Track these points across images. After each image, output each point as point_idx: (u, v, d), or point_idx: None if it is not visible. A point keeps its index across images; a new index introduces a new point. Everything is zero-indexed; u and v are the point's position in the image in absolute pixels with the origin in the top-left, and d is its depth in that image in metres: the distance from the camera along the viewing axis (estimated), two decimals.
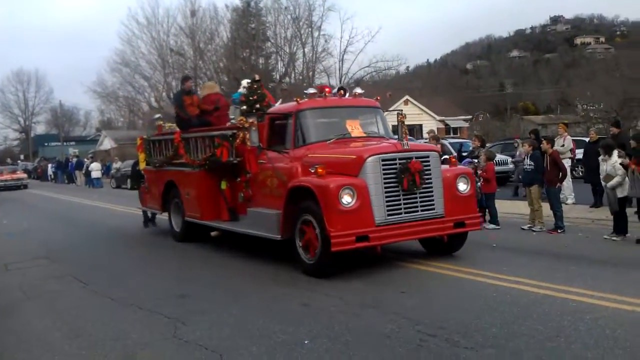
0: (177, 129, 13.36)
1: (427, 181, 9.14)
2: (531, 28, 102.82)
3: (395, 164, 8.95)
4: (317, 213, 8.73)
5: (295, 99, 10.19)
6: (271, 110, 10.70)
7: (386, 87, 55.01)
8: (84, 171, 41.62)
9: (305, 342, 6.01)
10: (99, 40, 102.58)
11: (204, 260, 10.99)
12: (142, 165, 14.46)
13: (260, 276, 9.33)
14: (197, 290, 8.50)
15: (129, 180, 16.14)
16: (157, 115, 14.85)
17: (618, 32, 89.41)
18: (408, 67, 71.43)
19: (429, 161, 9.23)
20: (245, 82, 13.23)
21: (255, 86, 12.12)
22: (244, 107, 11.69)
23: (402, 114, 11.10)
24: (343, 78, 47.00)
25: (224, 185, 11.53)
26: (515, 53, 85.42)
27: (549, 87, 70.32)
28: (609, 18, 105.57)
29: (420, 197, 9.14)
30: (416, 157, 9.08)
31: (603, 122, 44.73)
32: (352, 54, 47.99)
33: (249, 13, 49.49)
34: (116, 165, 38.71)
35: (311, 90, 10.29)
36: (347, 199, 8.60)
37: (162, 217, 14.45)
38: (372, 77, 52.37)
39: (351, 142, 9.88)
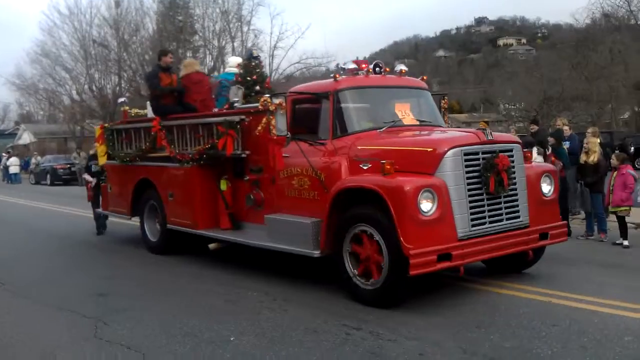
0: (150, 115, 10.71)
1: (513, 182, 7.02)
2: (456, 29, 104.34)
3: (479, 159, 6.78)
4: (383, 223, 6.44)
5: (332, 75, 7.78)
6: (297, 89, 8.25)
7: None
8: (1, 166, 38.09)
9: (231, 339, 5.84)
10: (18, 31, 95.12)
11: (126, 258, 10.36)
12: (103, 160, 11.62)
13: (183, 274, 8.81)
14: (119, 289, 8.09)
15: (84, 177, 13.05)
16: (122, 99, 11.96)
17: (539, 34, 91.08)
18: (338, 64, 69.55)
19: (513, 155, 7.10)
20: (234, 60, 10.74)
21: (253, 64, 9.68)
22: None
23: (445, 99, 8.97)
24: (273, 74, 45.38)
25: (224, 186, 8.98)
26: (441, 53, 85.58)
27: (473, 87, 70.49)
28: (530, 20, 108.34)
29: (505, 202, 7.00)
30: (500, 151, 6.92)
31: (523, 121, 44.70)
32: (282, 50, 46.78)
33: (176, 5, 47.28)
34: (35, 160, 36.97)
35: (350, 65, 7.92)
36: (426, 206, 6.35)
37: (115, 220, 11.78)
38: (302, 74, 51.14)
39: (406, 131, 7.62)
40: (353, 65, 7.89)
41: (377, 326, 6.00)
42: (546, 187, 7.57)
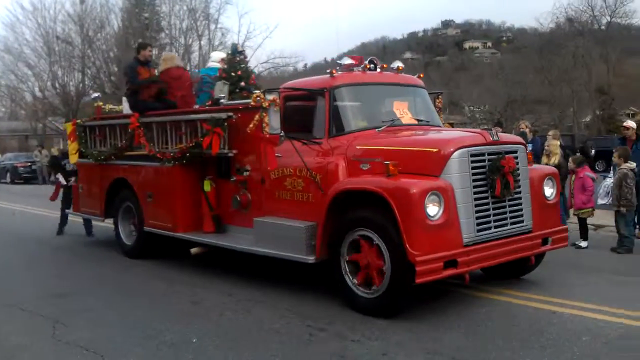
0: (127, 111, 10.13)
1: (518, 184, 6.69)
2: (424, 31, 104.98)
3: (484, 160, 6.42)
4: (386, 228, 6.02)
5: (328, 70, 7.33)
6: (290, 84, 7.77)
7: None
8: None
9: (194, 340, 5.70)
10: None
11: (87, 257, 10.10)
12: (74, 158, 10.95)
13: (147, 273, 8.59)
14: (80, 289, 7.85)
15: (57, 177, 12.36)
16: (96, 95, 11.28)
17: (504, 38, 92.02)
18: (306, 64, 69.40)
19: (517, 157, 6.76)
20: (217, 55, 10.20)
21: (238, 59, 9.18)
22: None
23: (440, 98, 8.61)
24: None
25: (208, 186, 8.45)
26: (408, 55, 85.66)
27: (439, 89, 70.62)
28: (496, 24, 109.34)
29: (510, 206, 6.66)
30: (506, 152, 6.58)
31: (487, 123, 45.02)
32: (250, 49, 46.37)
33: (142, 2, 46.37)
34: None
35: (347, 60, 7.48)
36: (433, 210, 5.96)
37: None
38: (270, 73, 50.80)
39: (405, 130, 7.22)
40: (349, 61, 7.45)
41: (342, 327, 5.94)
42: (549, 191, 7.26)
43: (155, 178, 8.99)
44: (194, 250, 8.42)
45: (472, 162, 6.30)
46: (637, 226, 10.50)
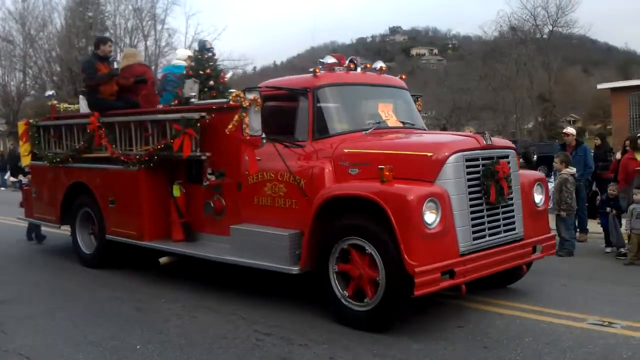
0: (83, 110, 9.44)
1: (511, 191, 6.39)
2: (372, 37, 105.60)
3: (478, 165, 6.09)
4: (381, 237, 5.62)
5: (311, 69, 6.88)
6: (269, 83, 7.27)
7: (235, 86, 52.20)
8: None
9: (137, 347, 5.56)
10: None
11: (27, 261, 9.78)
12: (26, 160, 10.15)
13: (90, 279, 8.31)
14: (19, 294, 7.61)
15: (19, 179, 11.55)
16: (50, 92, 10.47)
17: (450, 45, 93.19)
18: (255, 67, 68.49)
19: (509, 162, 6.46)
20: (183, 52, 9.62)
21: (206, 56, 8.62)
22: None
23: (419, 100, 8.28)
24: None
25: (177, 192, 7.87)
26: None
27: None
28: (442, 31, 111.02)
29: (502, 213, 6.35)
30: (498, 157, 6.27)
31: (434, 128, 45.29)
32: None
33: (86, 1, 44.71)
34: None
35: (330, 59, 7.04)
36: (430, 217, 5.59)
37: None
38: None
39: (392, 133, 6.84)
40: (332, 60, 7.02)
41: (288, 331, 5.88)
42: (538, 197, 7.00)
43: (119, 182, 8.32)
44: (163, 259, 7.81)
45: (467, 167, 5.96)
46: (577, 229, 10.60)
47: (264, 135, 6.43)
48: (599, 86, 33.26)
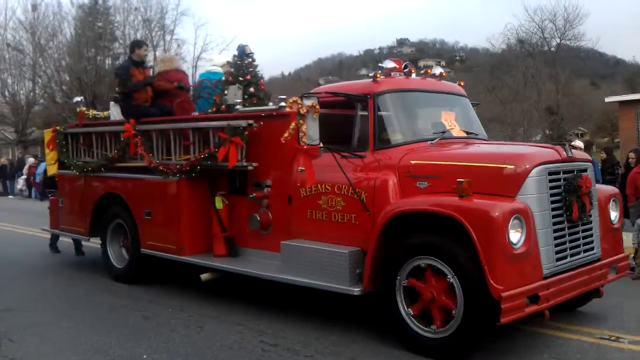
0: (117, 117, 8.92)
1: (592, 207, 5.84)
2: (379, 49, 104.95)
3: (560, 179, 5.54)
4: (458, 257, 5.05)
5: (371, 74, 6.34)
6: (325, 88, 6.74)
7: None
8: None
9: (144, 357, 5.49)
10: None
11: (31, 269, 9.54)
12: (52, 169, 9.60)
13: (97, 287, 8.17)
14: (25, 303, 7.49)
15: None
16: (78, 99, 9.90)
17: (457, 57, 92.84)
18: (263, 77, 68.20)
19: (589, 176, 5.90)
20: (220, 58, 9.09)
21: (246, 62, 8.08)
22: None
23: (475, 108, 7.75)
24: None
25: (219, 204, 7.31)
26: (364, 71, 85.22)
27: None
28: (450, 43, 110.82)
29: (582, 232, 5.79)
30: (578, 170, 5.72)
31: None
32: (206, 61, 45.11)
33: (95, 11, 44.52)
34: None
35: (390, 64, 6.51)
36: (515, 236, 5.03)
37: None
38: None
39: (459, 144, 6.30)
40: (392, 64, 6.49)
41: (294, 342, 5.80)
42: (613, 214, 6.44)
43: (156, 193, 7.76)
44: (205, 276, 7.22)
45: (549, 181, 5.41)
46: None
47: (321, 145, 5.89)
48: (607, 99, 32.86)
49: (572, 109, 50.89)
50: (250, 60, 8.23)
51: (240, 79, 7.87)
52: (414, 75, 6.83)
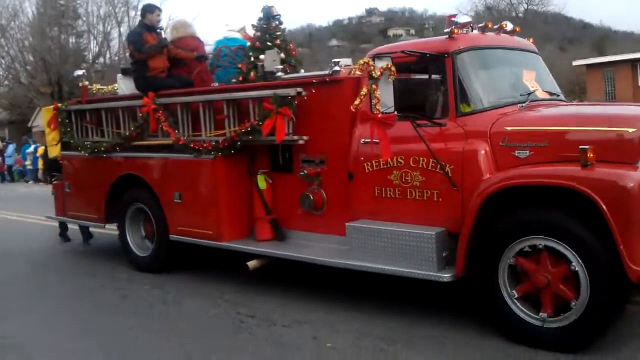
0: (126, 91, 7.87)
1: None
2: (348, 19, 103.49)
3: None
4: (583, 237, 4.26)
5: (448, 30, 5.42)
6: (395, 47, 5.79)
7: None
8: None
9: (126, 332, 5.39)
10: None
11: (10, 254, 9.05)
12: (55, 151, 8.50)
13: (74, 268, 8.04)
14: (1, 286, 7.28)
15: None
16: (80, 72, 8.70)
17: (426, 25, 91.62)
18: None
19: None
20: (236, 23, 8.03)
21: (273, 25, 7.10)
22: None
23: None
24: None
25: (263, 183, 6.39)
26: (334, 42, 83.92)
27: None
28: (418, 12, 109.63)
29: None
30: None
31: None
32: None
33: None
34: None
35: (465, 18, 5.61)
36: None
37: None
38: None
39: (552, 107, 5.48)
40: (468, 18, 5.60)
41: (271, 312, 5.72)
42: None
43: (187, 174, 6.76)
44: (252, 263, 6.28)
45: None
46: None
47: (395, 112, 5.00)
48: (575, 63, 32.87)
49: None
50: (277, 23, 7.22)
51: (269, 44, 6.90)
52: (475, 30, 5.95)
